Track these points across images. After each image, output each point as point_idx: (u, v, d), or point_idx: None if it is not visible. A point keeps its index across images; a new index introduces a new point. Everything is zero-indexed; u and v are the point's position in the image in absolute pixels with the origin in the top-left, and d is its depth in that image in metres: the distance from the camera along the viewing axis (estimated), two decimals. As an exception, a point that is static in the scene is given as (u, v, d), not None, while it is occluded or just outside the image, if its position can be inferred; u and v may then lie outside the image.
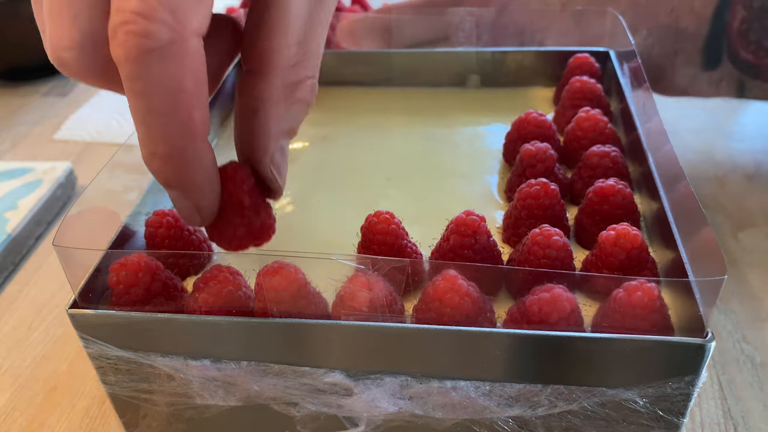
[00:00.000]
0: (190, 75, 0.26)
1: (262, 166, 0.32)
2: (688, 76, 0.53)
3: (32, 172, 0.56)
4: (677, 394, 0.28)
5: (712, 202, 0.51)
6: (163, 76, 0.25)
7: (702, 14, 0.51)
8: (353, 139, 0.48)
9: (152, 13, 0.24)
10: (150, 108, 0.26)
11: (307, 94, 0.32)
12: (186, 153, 0.28)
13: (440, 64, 0.53)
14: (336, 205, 0.40)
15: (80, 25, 0.26)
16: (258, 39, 0.30)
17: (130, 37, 0.24)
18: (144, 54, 0.25)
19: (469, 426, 0.30)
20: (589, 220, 0.35)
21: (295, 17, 0.30)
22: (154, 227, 0.34)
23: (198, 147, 0.28)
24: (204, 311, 0.29)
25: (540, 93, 0.52)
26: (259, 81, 0.31)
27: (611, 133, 0.41)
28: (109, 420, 0.37)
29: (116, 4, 0.25)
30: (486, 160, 0.44)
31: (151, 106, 0.26)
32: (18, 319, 0.45)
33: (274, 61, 0.30)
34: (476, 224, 0.31)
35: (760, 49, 0.50)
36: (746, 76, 0.52)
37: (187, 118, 0.27)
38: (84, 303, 0.31)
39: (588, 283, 0.31)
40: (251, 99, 0.31)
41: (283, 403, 0.31)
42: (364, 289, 0.28)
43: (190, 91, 0.26)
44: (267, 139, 0.32)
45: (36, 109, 0.74)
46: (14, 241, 0.49)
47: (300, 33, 0.31)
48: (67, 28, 0.26)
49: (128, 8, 0.24)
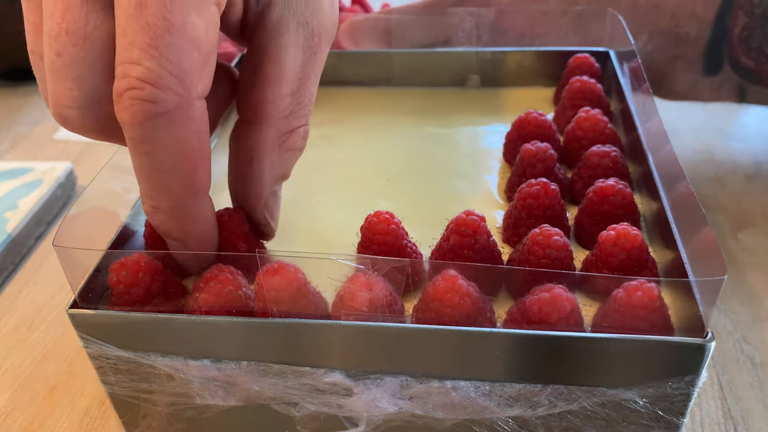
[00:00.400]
0: (195, 135, 0.27)
1: (257, 212, 0.33)
2: (689, 81, 0.54)
3: (32, 172, 0.56)
4: (677, 394, 0.28)
5: (712, 202, 0.51)
6: (168, 139, 0.26)
7: (703, 20, 0.51)
8: (353, 139, 0.48)
9: (158, 80, 0.25)
10: (154, 166, 0.26)
11: (299, 142, 0.33)
12: (188, 208, 0.29)
13: (440, 64, 0.53)
14: (336, 205, 0.40)
15: (82, 85, 0.26)
16: (253, 90, 0.31)
17: (136, 103, 0.25)
18: (150, 119, 0.25)
19: (469, 426, 0.30)
20: (589, 220, 0.35)
21: (290, 70, 0.31)
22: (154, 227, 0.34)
23: (200, 202, 0.29)
24: (204, 311, 0.29)
25: (540, 93, 0.52)
26: (253, 131, 0.31)
27: (611, 133, 0.41)
28: (109, 420, 0.37)
29: (121, 70, 0.25)
30: (486, 160, 0.44)
31: (156, 165, 0.26)
32: (18, 319, 0.45)
33: (269, 112, 0.31)
34: (476, 224, 0.31)
35: (761, 56, 0.50)
36: (747, 81, 0.52)
37: (190, 175, 0.27)
38: (84, 303, 0.31)
39: (588, 283, 0.31)
40: (246, 149, 0.32)
41: (283, 403, 0.31)
42: (364, 289, 0.28)
43: (195, 150, 0.27)
44: (261, 187, 0.32)
45: (36, 109, 0.74)
46: (14, 241, 0.49)
47: (294, 84, 0.31)
48: (69, 88, 0.26)
49: (134, 74, 0.25)
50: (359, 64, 0.54)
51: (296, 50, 0.31)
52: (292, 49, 0.30)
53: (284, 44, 0.30)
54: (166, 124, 0.25)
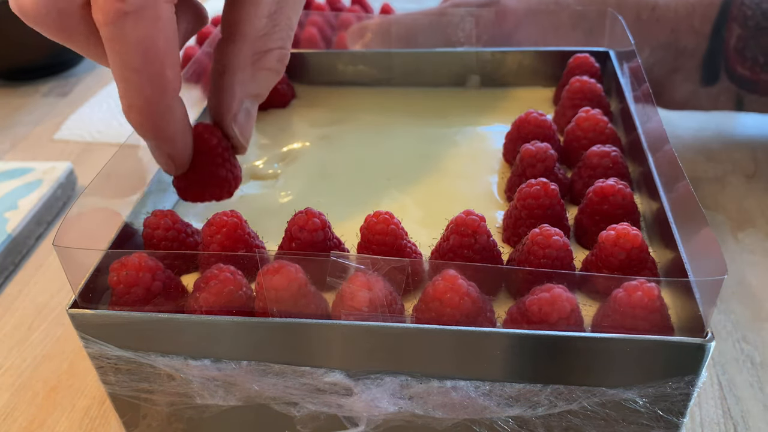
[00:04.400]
0: (162, 36, 0.30)
1: (225, 124, 0.36)
2: (688, 91, 0.55)
3: (32, 172, 0.56)
4: (677, 394, 0.28)
5: (712, 202, 0.51)
6: (137, 36, 0.29)
7: (700, 32, 0.53)
8: (353, 139, 0.48)
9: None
10: (127, 64, 0.30)
11: (274, 63, 0.36)
12: (160, 105, 0.31)
13: (440, 64, 0.53)
14: (336, 205, 0.39)
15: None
16: (233, 8, 0.34)
17: (108, 2, 0.28)
18: (120, 17, 0.28)
19: (469, 426, 0.30)
20: (589, 220, 0.35)
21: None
22: (152, 228, 0.34)
23: (170, 100, 0.32)
24: (204, 311, 0.29)
25: (540, 93, 0.52)
26: (229, 46, 0.34)
27: (611, 133, 0.41)
28: (109, 420, 0.37)
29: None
30: (486, 160, 0.44)
31: (128, 63, 0.29)
32: (18, 319, 0.45)
33: (244, 29, 0.34)
34: (476, 224, 0.31)
35: (756, 65, 0.52)
36: (743, 90, 0.54)
37: (159, 74, 0.30)
38: (84, 303, 0.31)
39: (588, 283, 0.31)
40: (220, 62, 0.35)
41: (283, 402, 0.31)
42: (364, 289, 0.28)
43: (162, 50, 0.30)
44: (231, 99, 0.35)
45: (36, 109, 0.74)
46: (14, 241, 0.49)
47: (271, 6, 0.34)
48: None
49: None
50: (359, 64, 0.54)
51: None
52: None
53: None
54: (135, 22, 0.28)
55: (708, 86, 0.54)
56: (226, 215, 0.33)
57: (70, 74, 0.81)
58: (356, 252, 0.34)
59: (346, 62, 0.54)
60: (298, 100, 0.54)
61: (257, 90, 0.36)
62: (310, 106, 0.53)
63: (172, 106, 0.32)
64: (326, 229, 0.32)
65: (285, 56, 0.36)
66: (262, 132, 0.49)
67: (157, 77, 0.30)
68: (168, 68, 0.30)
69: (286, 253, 0.32)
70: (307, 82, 0.55)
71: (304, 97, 0.54)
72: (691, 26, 0.53)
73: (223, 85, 0.35)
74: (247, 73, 0.35)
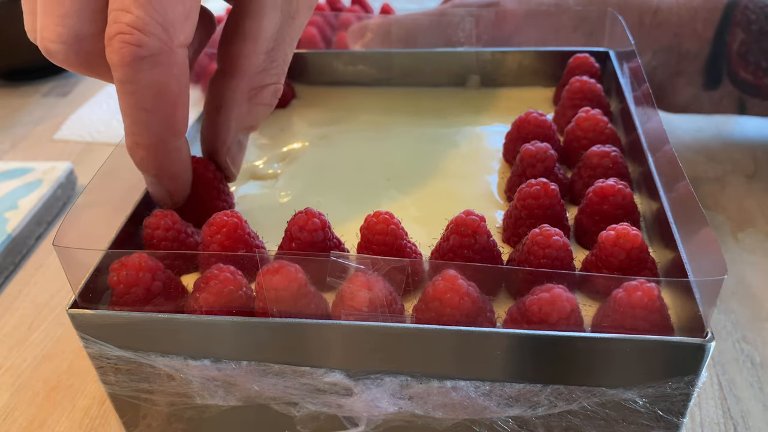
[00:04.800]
0: (175, 80, 0.30)
1: (219, 157, 0.37)
2: (690, 95, 0.55)
3: (32, 172, 0.56)
4: (677, 394, 0.28)
5: (712, 202, 0.51)
6: (151, 80, 0.29)
7: (703, 37, 0.53)
8: (353, 139, 0.48)
9: (145, 27, 0.28)
10: (138, 105, 0.30)
11: (269, 98, 0.36)
12: (166, 145, 0.32)
13: (440, 64, 0.53)
14: (336, 205, 0.39)
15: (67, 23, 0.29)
16: (231, 44, 0.34)
17: (125, 46, 0.28)
18: (136, 60, 0.28)
19: (469, 426, 0.30)
20: (589, 220, 0.35)
21: (267, 29, 0.34)
22: (152, 228, 0.34)
23: (177, 141, 0.32)
24: (204, 311, 0.29)
25: (540, 93, 0.52)
26: (226, 81, 0.35)
27: (611, 133, 0.41)
28: (109, 420, 0.37)
29: (113, 16, 0.28)
30: (486, 160, 0.44)
31: (140, 103, 0.29)
32: (18, 319, 0.45)
33: (243, 65, 0.34)
34: (476, 224, 0.31)
35: (759, 70, 0.52)
36: (746, 94, 0.54)
37: (170, 115, 0.30)
38: (84, 303, 0.31)
39: (588, 283, 0.31)
40: (217, 97, 0.35)
41: (283, 403, 0.31)
42: (364, 289, 0.28)
43: (175, 92, 0.30)
44: (226, 134, 0.36)
45: (36, 109, 0.74)
46: (14, 241, 0.49)
47: (269, 43, 0.34)
48: (54, 25, 0.29)
49: (124, 21, 0.28)
50: (359, 64, 0.54)
51: (275, 12, 0.34)
52: (270, 11, 0.33)
53: (264, 5, 0.33)
54: (150, 66, 0.28)
55: (710, 90, 0.54)
56: (226, 215, 0.33)
57: (70, 74, 0.81)
58: (356, 252, 0.34)
59: (346, 62, 0.54)
60: (297, 100, 0.54)
61: (251, 123, 0.37)
62: (309, 106, 0.53)
63: (179, 146, 0.32)
64: (326, 229, 0.32)
65: (279, 90, 0.37)
66: (262, 132, 0.49)
67: (168, 118, 0.30)
68: (179, 110, 0.31)
69: (286, 253, 0.32)
70: (306, 82, 0.55)
71: (303, 97, 0.54)
72: (693, 30, 0.53)
73: (219, 121, 0.36)
74: (243, 108, 0.35)
